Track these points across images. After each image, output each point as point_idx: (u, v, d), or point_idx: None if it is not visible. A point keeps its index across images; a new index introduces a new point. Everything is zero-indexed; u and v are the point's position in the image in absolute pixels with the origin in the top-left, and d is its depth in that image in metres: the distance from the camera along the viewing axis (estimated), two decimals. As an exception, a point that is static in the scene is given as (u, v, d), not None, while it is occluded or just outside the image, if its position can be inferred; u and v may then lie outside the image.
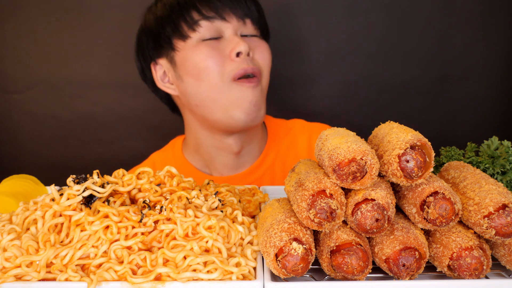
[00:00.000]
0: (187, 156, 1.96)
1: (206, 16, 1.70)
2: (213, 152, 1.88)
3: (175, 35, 1.73)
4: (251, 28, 1.77)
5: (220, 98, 1.71)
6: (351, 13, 2.35)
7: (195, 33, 1.70)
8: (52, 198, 1.12)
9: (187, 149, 1.96)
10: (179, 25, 1.72)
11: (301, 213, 0.97)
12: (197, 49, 1.70)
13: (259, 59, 1.76)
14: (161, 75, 1.84)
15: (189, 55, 1.71)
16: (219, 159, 1.89)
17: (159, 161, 1.99)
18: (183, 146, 1.99)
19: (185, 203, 1.13)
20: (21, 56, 2.36)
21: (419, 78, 2.42)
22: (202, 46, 1.70)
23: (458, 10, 2.35)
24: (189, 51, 1.71)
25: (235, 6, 1.72)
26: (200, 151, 1.91)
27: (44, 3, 2.31)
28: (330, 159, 0.98)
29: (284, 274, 0.95)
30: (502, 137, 1.27)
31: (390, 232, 0.99)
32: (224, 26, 1.71)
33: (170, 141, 2.07)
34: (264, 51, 1.78)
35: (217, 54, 1.69)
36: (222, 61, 1.69)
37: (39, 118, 2.43)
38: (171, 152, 2.01)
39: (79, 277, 0.97)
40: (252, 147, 1.91)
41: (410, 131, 1.00)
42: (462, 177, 1.08)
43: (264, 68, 1.77)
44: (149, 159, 2.04)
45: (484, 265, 0.96)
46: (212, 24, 1.70)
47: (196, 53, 1.70)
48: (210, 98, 1.72)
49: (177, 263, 1.00)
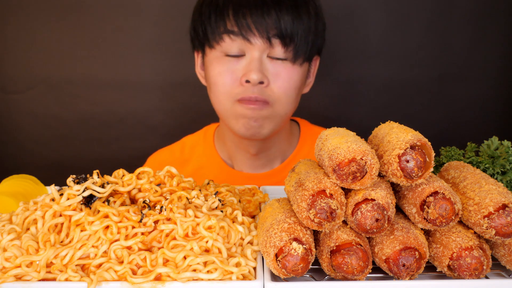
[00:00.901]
0: (217, 144, 1.98)
1: (230, 31, 1.63)
2: (234, 148, 1.91)
3: (204, 40, 1.72)
4: (279, 51, 1.64)
5: (224, 112, 1.73)
6: (351, 13, 2.35)
7: (219, 45, 1.67)
8: (52, 198, 1.12)
9: (218, 138, 1.99)
10: (207, 32, 1.70)
11: (301, 213, 0.97)
12: (217, 63, 1.68)
13: (275, 88, 1.67)
14: (200, 63, 1.85)
15: (210, 65, 1.71)
16: (238, 156, 1.92)
17: (189, 144, 2.02)
18: (215, 134, 2.01)
19: (185, 203, 1.13)
20: (21, 56, 2.36)
21: (419, 78, 2.42)
22: (222, 63, 1.67)
23: (458, 10, 2.35)
24: (212, 61, 1.70)
25: (262, 26, 1.60)
26: (226, 143, 1.94)
27: (44, 3, 2.31)
28: (330, 159, 0.98)
29: (284, 274, 0.95)
30: (502, 137, 1.27)
31: (390, 232, 0.99)
32: (246, 47, 1.64)
33: (204, 127, 2.08)
34: (284, 80, 1.67)
35: (231, 74, 1.66)
36: (232, 82, 1.67)
37: (39, 118, 2.43)
38: (202, 137, 2.02)
39: (79, 277, 0.97)
40: (272, 152, 1.91)
41: (410, 131, 1.00)
42: (462, 177, 1.08)
43: (278, 97, 1.68)
44: (180, 141, 2.05)
45: (484, 265, 0.96)
46: (234, 42, 1.64)
47: (213, 67, 1.70)
48: (218, 108, 1.76)
49: (177, 263, 1.00)
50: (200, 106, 2.44)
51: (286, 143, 1.94)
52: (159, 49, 2.40)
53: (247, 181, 1.86)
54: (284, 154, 1.94)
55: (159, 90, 2.43)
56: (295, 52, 1.66)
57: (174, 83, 2.43)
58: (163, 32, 2.38)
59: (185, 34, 1.84)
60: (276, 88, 1.67)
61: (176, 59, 2.40)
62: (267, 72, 1.65)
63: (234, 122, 1.72)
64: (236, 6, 1.63)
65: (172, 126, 2.47)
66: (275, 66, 1.66)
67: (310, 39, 1.69)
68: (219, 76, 1.68)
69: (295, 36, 1.64)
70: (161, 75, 2.42)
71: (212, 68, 1.70)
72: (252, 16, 1.61)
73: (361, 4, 2.35)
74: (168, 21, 2.36)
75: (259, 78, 1.62)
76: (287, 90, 1.69)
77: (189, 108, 2.46)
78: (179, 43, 2.35)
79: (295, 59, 1.67)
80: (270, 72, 1.66)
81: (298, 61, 1.68)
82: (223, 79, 1.67)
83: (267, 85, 1.66)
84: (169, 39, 2.39)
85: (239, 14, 1.62)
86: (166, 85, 2.43)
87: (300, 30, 1.65)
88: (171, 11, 2.35)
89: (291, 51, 1.65)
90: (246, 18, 1.61)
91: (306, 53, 1.69)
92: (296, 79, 1.70)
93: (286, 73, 1.67)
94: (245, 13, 1.61)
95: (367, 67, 2.41)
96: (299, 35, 1.65)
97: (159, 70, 2.42)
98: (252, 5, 1.62)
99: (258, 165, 1.92)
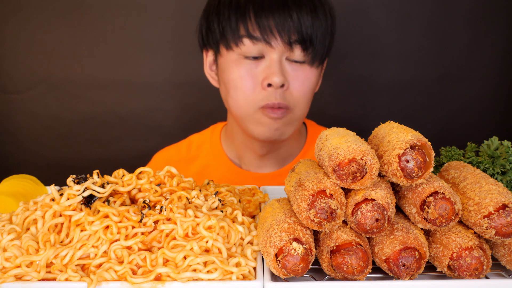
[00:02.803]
0: (224, 143, 1.97)
1: (251, 35, 1.61)
2: (242, 148, 1.90)
3: (222, 41, 1.69)
4: (299, 54, 1.64)
5: (245, 117, 1.71)
6: (351, 14, 2.35)
7: (238, 48, 1.64)
8: (52, 198, 1.12)
9: (225, 137, 1.98)
10: (225, 33, 1.66)
11: (301, 213, 0.97)
12: (236, 66, 1.66)
13: (294, 91, 1.66)
14: (210, 62, 1.82)
15: (228, 68, 1.68)
16: (247, 156, 1.91)
17: (196, 142, 2.01)
18: (222, 133, 2.00)
19: (185, 203, 1.13)
20: (21, 56, 2.36)
21: (419, 78, 2.42)
22: (241, 65, 1.65)
23: (458, 10, 2.35)
24: (230, 63, 1.67)
25: (284, 30, 1.59)
26: (234, 142, 1.93)
27: (44, 3, 2.31)
28: (330, 159, 0.98)
29: (284, 274, 0.95)
30: (502, 137, 1.27)
31: (390, 232, 0.99)
32: (267, 49, 1.63)
33: (211, 126, 2.07)
34: (303, 83, 1.67)
35: (252, 78, 1.64)
36: (253, 86, 1.65)
37: (39, 118, 2.43)
38: (209, 136, 2.01)
39: (79, 277, 0.97)
40: (281, 152, 1.91)
41: (410, 131, 1.00)
42: (462, 177, 1.08)
43: (298, 101, 1.68)
44: (187, 139, 2.04)
45: (484, 265, 0.96)
46: (255, 45, 1.62)
47: (233, 70, 1.66)
48: (238, 113, 1.73)
49: (177, 263, 1.00)
50: (200, 106, 2.45)
51: (294, 144, 1.94)
52: (160, 49, 2.40)
53: (254, 180, 1.87)
54: (292, 154, 1.94)
55: (159, 90, 2.43)
56: (313, 55, 1.66)
57: (174, 83, 2.43)
58: (164, 32, 2.38)
59: (186, 34, 1.84)
60: (296, 92, 1.67)
61: (176, 59, 2.40)
62: (286, 75, 1.65)
63: (253, 127, 1.71)
64: (258, 8, 1.60)
65: (173, 126, 2.48)
66: (294, 69, 1.66)
67: (327, 41, 1.69)
68: (240, 80, 1.65)
69: (315, 39, 1.64)
70: (162, 75, 2.42)
71: (231, 71, 1.67)
72: (274, 19, 1.59)
73: (362, 5, 2.35)
74: (169, 21, 2.37)
75: (281, 81, 1.61)
76: (306, 93, 1.69)
77: (190, 108, 2.46)
78: (180, 43, 2.35)
79: (313, 61, 1.67)
80: (290, 75, 1.65)
81: (315, 64, 1.69)
82: (244, 83, 1.65)
83: (287, 88, 1.65)
84: (170, 39, 2.39)
85: (261, 16, 1.60)
86: (167, 85, 2.43)
87: (319, 33, 1.65)
88: (173, 11, 2.35)
89: (309, 54, 1.65)
90: (268, 21, 1.59)
91: (323, 56, 1.70)
92: (313, 81, 1.71)
93: (304, 75, 1.67)
94: (267, 16, 1.59)
95: (367, 67, 2.41)
96: (318, 38, 1.65)
97: (160, 70, 2.42)
98: (274, 8, 1.60)
99: (265, 165, 1.92)
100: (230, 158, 1.95)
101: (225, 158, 1.94)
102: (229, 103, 1.75)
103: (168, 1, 2.35)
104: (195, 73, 1.97)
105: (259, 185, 1.49)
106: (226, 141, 1.97)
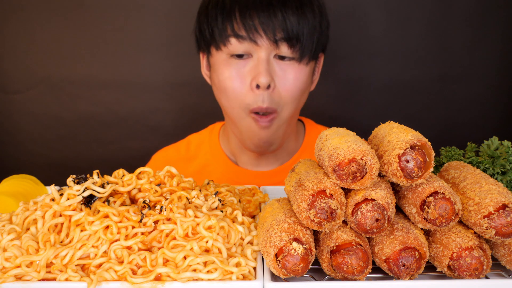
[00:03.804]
0: (222, 143, 1.99)
1: (237, 34, 1.63)
2: (238, 148, 1.92)
3: (211, 41, 1.71)
4: (286, 51, 1.65)
5: (237, 121, 1.74)
6: (351, 13, 2.35)
7: (226, 47, 1.66)
8: (52, 198, 1.12)
9: (223, 136, 1.99)
10: (214, 34, 1.68)
11: (301, 213, 0.97)
12: (225, 66, 1.68)
13: (282, 90, 1.67)
14: (206, 63, 1.84)
15: (218, 68, 1.70)
16: (242, 155, 1.93)
17: (195, 142, 2.03)
18: (220, 132, 2.02)
19: (185, 203, 1.13)
20: (21, 56, 2.36)
21: (419, 78, 2.42)
22: (230, 65, 1.67)
23: (458, 10, 2.35)
24: (219, 64, 1.70)
25: (269, 28, 1.61)
26: (231, 141, 1.94)
27: (44, 3, 2.31)
28: (330, 159, 0.98)
29: (284, 274, 0.95)
30: (502, 137, 1.27)
31: (390, 232, 0.99)
32: (253, 48, 1.64)
33: (209, 125, 2.08)
34: (292, 82, 1.67)
35: (240, 78, 1.66)
36: (241, 87, 1.67)
37: (39, 118, 2.43)
38: (207, 135, 2.03)
39: (79, 277, 0.97)
40: (277, 153, 1.92)
41: (410, 131, 1.00)
42: (462, 177, 1.08)
43: (285, 101, 1.69)
44: (186, 139, 2.06)
45: (484, 265, 0.96)
46: (241, 44, 1.64)
47: (221, 71, 1.69)
48: (230, 114, 1.75)
49: (177, 263, 1.00)
50: (200, 107, 2.45)
51: (292, 142, 1.95)
52: (160, 49, 2.40)
53: (253, 179, 1.88)
54: (290, 152, 1.95)
55: (159, 90, 2.43)
56: (301, 52, 1.66)
57: (174, 83, 2.43)
58: (163, 32, 2.38)
59: (185, 34, 1.84)
60: (284, 91, 1.67)
61: (176, 59, 2.41)
62: (274, 74, 1.66)
63: (245, 136, 1.76)
64: (243, 7, 1.63)
65: (172, 126, 2.48)
66: (282, 68, 1.67)
67: (315, 38, 1.69)
68: (228, 81, 1.67)
69: (301, 36, 1.64)
70: (161, 75, 2.42)
71: (221, 72, 1.69)
72: (259, 18, 1.61)
73: (362, 5, 2.35)
74: (168, 21, 2.37)
75: (267, 81, 1.62)
76: (294, 92, 1.69)
77: (189, 108, 2.46)
78: (180, 43, 2.35)
79: (301, 58, 1.68)
80: (277, 74, 1.66)
81: (304, 60, 1.69)
82: (233, 85, 1.67)
83: (274, 88, 1.66)
84: (169, 39, 2.39)
85: (246, 16, 1.62)
86: (167, 85, 2.43)
87: (305, 30, 1.65)
88: (172, 11, 2.36)
89: (297, 51, 1.66)
90: (253, 20, 1.61)
91: (311, 52, 1.70)
92: (302, 80, 1.71)
93: (293, 74, 1.68)
94: (252, 15, 1.61)
95: (367, 67, 2.41)
96: (304, 35, 1.65)
97: (159, 70, 2.42)
98: (258, 7, 1.62)
99: (264, 163, 1.93)
100: (229, 157, 1.96)
101: (223, 157, 1.95)
102: (222, 103, 1.77)
103: (167, 2, 2.35)
104: (194, 73, 1.97)
105: (258, 183, 1.49)
106: (224, 140, 1.98)
